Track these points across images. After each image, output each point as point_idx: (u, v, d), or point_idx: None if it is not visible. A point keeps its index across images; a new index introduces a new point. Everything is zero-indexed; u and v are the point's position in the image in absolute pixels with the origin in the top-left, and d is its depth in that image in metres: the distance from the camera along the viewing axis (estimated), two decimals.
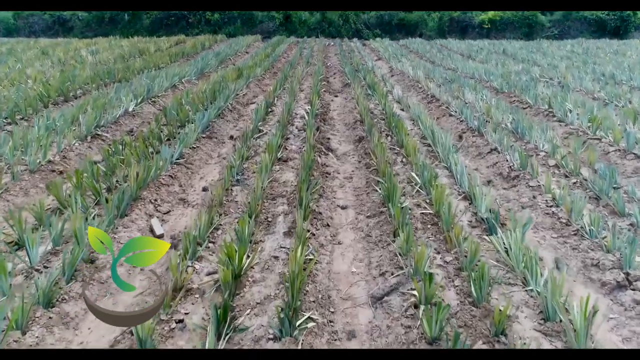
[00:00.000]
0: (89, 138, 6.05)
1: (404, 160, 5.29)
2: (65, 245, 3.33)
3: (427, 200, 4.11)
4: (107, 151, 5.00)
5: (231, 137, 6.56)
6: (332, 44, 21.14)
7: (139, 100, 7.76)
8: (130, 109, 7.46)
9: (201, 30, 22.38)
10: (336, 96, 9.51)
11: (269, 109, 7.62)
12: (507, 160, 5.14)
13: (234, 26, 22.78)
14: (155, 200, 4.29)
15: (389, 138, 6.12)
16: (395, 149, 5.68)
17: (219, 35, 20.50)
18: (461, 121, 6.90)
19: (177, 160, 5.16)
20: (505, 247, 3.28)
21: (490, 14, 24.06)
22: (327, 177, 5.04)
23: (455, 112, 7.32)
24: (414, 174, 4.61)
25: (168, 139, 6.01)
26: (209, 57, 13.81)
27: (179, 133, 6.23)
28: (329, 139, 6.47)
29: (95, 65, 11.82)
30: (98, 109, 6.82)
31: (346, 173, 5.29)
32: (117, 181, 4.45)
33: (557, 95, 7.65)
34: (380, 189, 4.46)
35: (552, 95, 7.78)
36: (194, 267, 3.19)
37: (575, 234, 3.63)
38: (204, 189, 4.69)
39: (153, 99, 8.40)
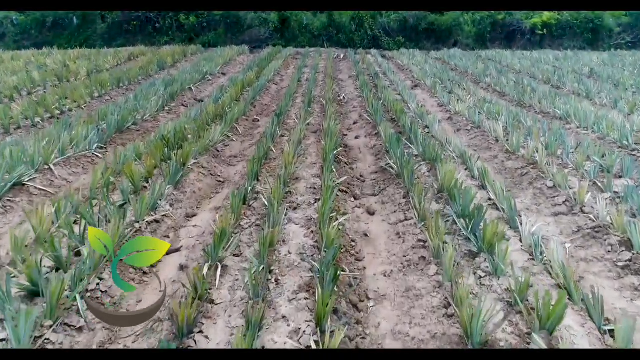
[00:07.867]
0: None
1: None
2: None
3: None
4: None
5: None
6: (342, 56, 15.96)
7: None
8: None
9: (172, 38, 17.20)
10: (372, 214, 4.32)
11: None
12: None
13: (215, 33, 17.55)
14: None
15: None
16: None
17: (191, 46, 15.28)
18: None
19: None
20: None
21: (545, 16, 18.77)
22: None
23: None
24: None
25: None
26: (154, 89, 8.70)
27: None
28: None
29: None
30: None
31: None
32: None
33: None
34: None
35: None
36: None
37: None
38: None
39: None
